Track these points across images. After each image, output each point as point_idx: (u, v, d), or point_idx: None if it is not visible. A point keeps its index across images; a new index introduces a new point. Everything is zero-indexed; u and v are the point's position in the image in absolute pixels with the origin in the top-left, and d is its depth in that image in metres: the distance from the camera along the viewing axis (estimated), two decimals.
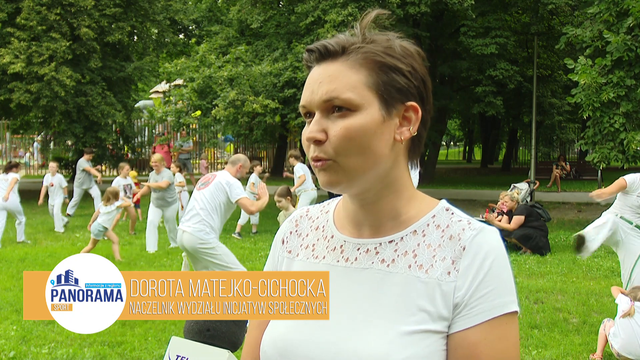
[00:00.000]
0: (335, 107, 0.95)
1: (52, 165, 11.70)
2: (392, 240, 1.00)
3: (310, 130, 0.96)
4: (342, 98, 0.94)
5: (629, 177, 5.28)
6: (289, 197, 6.39)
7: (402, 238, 1.00)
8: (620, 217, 5.35)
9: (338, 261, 1.03)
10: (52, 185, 11.25)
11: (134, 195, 10.64)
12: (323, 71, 0.97)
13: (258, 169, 10.47)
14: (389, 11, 1.04)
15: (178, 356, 0.91)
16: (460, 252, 0.95)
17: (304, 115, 1.01)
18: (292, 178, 10.53)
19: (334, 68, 0.97)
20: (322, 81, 0.96)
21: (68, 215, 12.72)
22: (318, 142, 0.95)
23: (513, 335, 0.94)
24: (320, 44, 0.99)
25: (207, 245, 5.11)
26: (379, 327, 0.94)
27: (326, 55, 0.98)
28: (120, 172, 10.72)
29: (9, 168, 10.11)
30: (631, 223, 5.29)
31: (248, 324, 1.11)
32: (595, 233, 5.37)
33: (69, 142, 16.80)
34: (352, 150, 0.94)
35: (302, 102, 1.00)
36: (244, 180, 6.18)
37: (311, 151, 0.97)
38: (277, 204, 6.49)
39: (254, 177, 10.11)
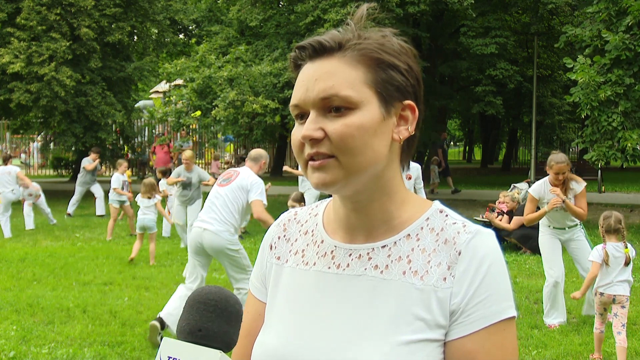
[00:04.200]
0: (333, 107, 0.90)
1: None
2: (385, 245, 0.96)
3: (306, 128, 0.90)
4: (341, 95, 0.89)
5: (533, 190, 5.42)
6: (302, 203, 6.34)
7: (395, 243, 0.96)
8: (553, 228, 5.46)
9: (329, 267, 0.98)
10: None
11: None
12: (318, 68, 0.92)
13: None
14: (385, 9, 1.01)
15: (169, 357, 0.90)
16: (455, 256, 0.91)
17: (296, 116, 0.94)
18: (292, 173, 10.52)
19: (330, 64, 0.91)
20: (318, 78, 0.91)
21: (68, 215, 12.72)
22: (315, 141, 0.90)
23: (511, 341, 0.91)
24: (314, 40, 0.93)
25: (235, 246, 4.84)
26: (375, 338, 0.90)
27: (321, 51, 0.93)
28: (118, 168, 10.67)
29: (7, 160, 10.57)
30: (564, 229, 5.43)
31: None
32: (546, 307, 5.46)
33: (69, 143, 16.78)
34: (352, 149, 0.89)
35: (294, 101, 0.93)
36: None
37: (307, 149, 0.91)
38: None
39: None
